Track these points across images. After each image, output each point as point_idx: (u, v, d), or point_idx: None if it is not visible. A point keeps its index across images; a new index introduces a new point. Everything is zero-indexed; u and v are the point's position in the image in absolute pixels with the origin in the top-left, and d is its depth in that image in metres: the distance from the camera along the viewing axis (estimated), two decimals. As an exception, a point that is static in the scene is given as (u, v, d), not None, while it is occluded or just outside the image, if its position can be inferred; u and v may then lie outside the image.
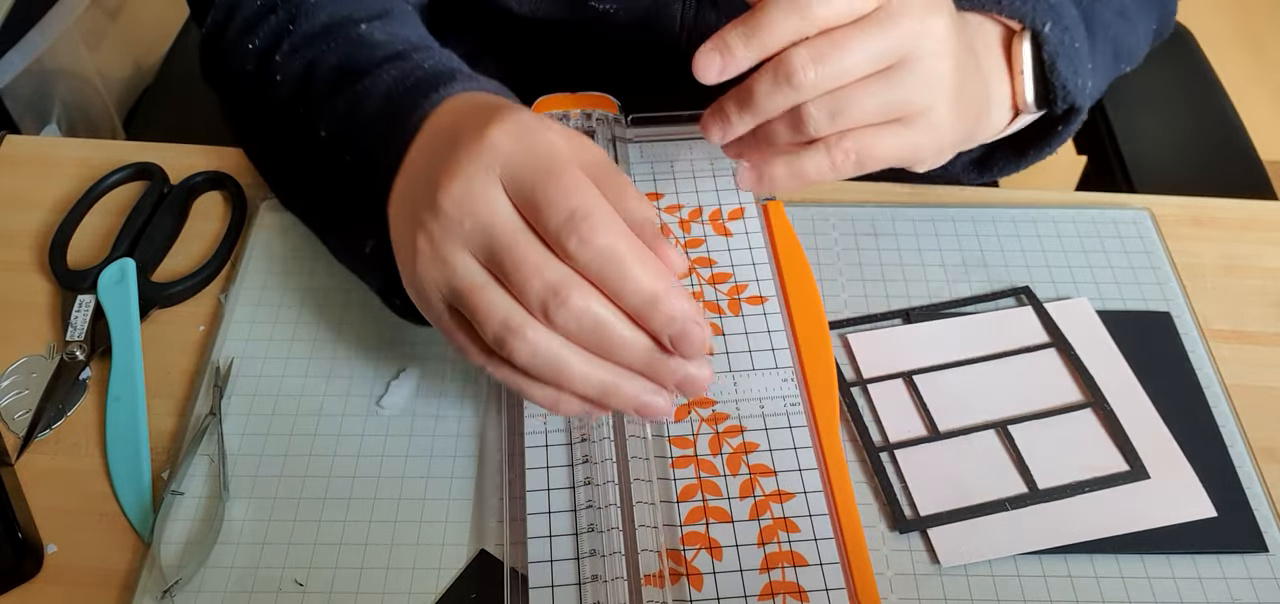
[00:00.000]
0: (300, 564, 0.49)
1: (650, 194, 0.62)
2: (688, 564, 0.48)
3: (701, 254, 0.60)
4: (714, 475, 0.52)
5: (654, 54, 0.69)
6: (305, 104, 0.55)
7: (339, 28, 0.56)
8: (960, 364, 0.57)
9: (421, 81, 0.51)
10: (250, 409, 0.55)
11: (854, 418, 0.55)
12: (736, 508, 0.50)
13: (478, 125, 0.44)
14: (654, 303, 0.42)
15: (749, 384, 0.54)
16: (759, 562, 0.48)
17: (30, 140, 0.70)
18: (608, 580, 0.47)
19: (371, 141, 0.50)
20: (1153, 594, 0.49)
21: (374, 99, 0.52)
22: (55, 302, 0.59)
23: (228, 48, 0.60)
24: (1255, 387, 0.57)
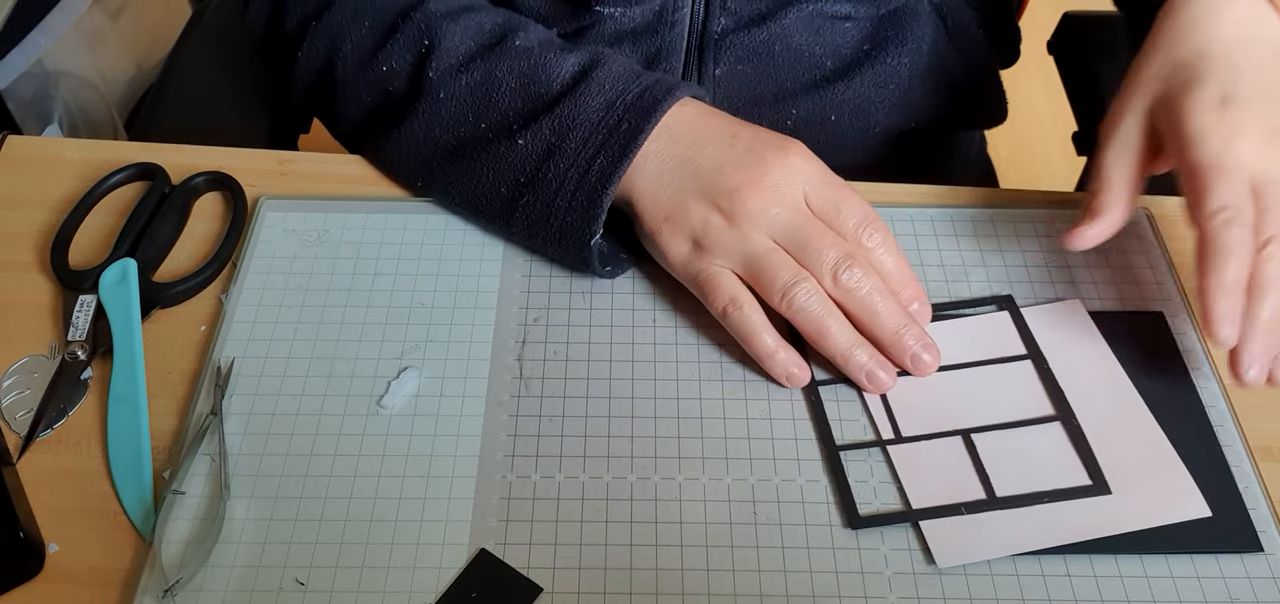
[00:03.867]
0: (301, 564, 0.49)
1: None
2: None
3: None
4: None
5: (665, 58, 0.69)
6: (489, 122, 0.61)
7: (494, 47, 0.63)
8: (949, 369, 0.57)
9: (639, 101, 0.59)
10: (251, 409, 0.55)
11: (817, 417, 0.55)
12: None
13: (775, 144, 0.58)
14: (908, 288, 0.57)
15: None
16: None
17: (32, 140, 0.70)
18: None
19: (593, 155, 0.58)
20: (1151, 593, 0.49)
21: (589, 117, 0.59)
22: (57, 301, 0.60)
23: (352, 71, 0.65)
24: (1254, 386, 0.57)
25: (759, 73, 0.70)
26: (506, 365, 0.57)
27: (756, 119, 0.70)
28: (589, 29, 0.69)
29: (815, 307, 0.55)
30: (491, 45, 0.63)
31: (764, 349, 0.55)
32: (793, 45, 0.70)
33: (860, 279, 0.55)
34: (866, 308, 0.55)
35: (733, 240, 0.56)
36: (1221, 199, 0.51)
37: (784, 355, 0.56)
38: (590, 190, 0.58)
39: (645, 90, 0.59)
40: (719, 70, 0.70)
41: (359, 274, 0.61)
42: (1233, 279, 0.50)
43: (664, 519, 0.51)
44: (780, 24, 0.69)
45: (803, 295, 0.55)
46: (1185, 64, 0.56)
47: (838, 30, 0.70)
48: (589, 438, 0.54)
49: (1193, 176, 0.53)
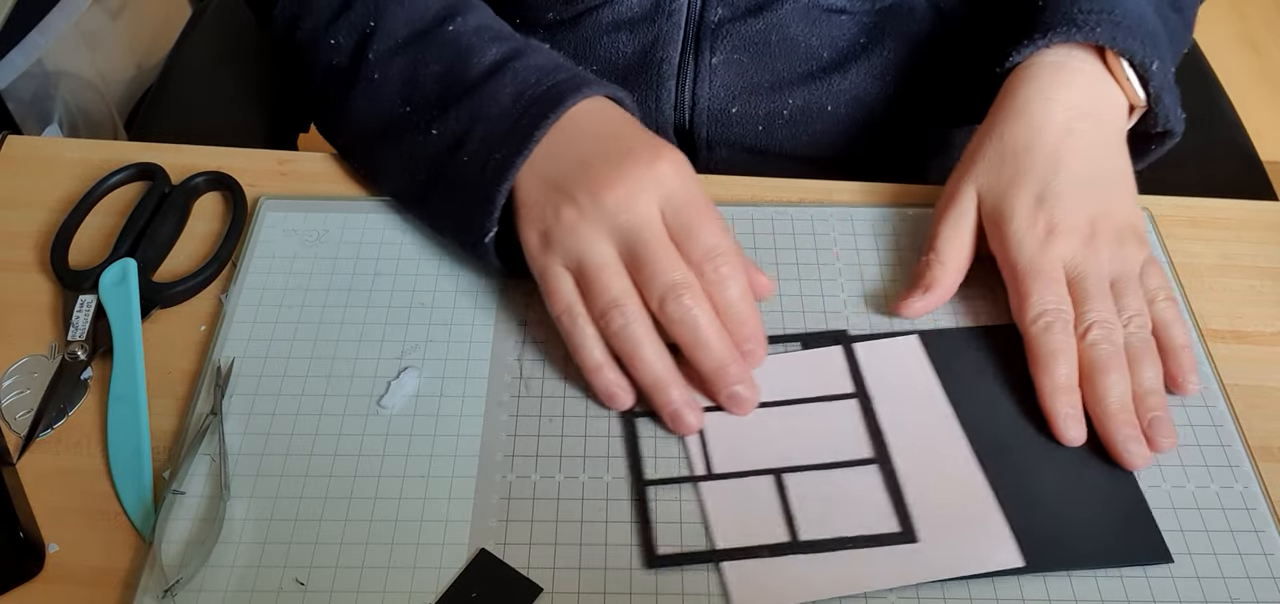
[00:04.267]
0: (301, 564, 0.49)
1: None
2: None
3: None
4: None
5: (661, 46, 0.70)
6: (412, 106, 0.61)
7: (429, 32, 0.62)
8: (758, 405, 0.55)
9: (545, 95, 0.58)
10: (251, 409, 0.55)
11: (630, 449, 0.54)
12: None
13: (651, 150, 0.56)
14: (744, 327, 0.54)
15: None
16: None
17: (32, 141, 0.70)
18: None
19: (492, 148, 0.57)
20: (1140, 592, 0.49)
21: (495, 110, 0.58)
22: (57, 301, 0.60)
23: (308, 40, 0.65)
24: (1253, 386, 0.57)
25: (756, 62, 0.70)
26: (506, 365, 0.57)
27: (753, 109, 0.71)
28: (585, 17, 0.69)
29: (629, 333, 0.53)
30: (429, 29, 0.63)
31: (589, 363, 0.54)
32: (789, 35, 0.70)
33: (687, 309, 0.53)
34: (690, 340, 0.53)
35: (574, 240, 0.54)
36: (1038, 305, 0.55)
37: (609, 375, 0.54)
38: (487, 185, 0.57)
39: (554, 85, 0.58)
40: (716, 59, 0.70)
41: (359, 274, 0.61)
42: (1064, 380, 0.54)
43: (664, 519, 0.51)
44: (776, 14, 0.69)
45: (618, 321, 0.53)
46: (1011, 157, 0.59)
47: (834, 23, 0.70)
48: (589, 438, 0.54)
49: (1012, 283, 0.57)
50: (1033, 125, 0.59)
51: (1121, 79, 0.61)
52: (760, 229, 0.64)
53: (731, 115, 0.71)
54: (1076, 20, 0.60)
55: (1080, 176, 0.57)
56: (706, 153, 0.73)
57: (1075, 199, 0.57)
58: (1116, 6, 0.60)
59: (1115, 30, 0.59)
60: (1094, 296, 0.55)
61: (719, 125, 0.71)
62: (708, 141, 0.72)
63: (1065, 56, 0.61)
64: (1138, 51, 0.59)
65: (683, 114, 0.71)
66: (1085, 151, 0.58)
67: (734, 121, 0.71)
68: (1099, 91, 0.60)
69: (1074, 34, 0.60)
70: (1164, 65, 0.60)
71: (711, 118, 0.71)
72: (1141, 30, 0.60)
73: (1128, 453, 0.52)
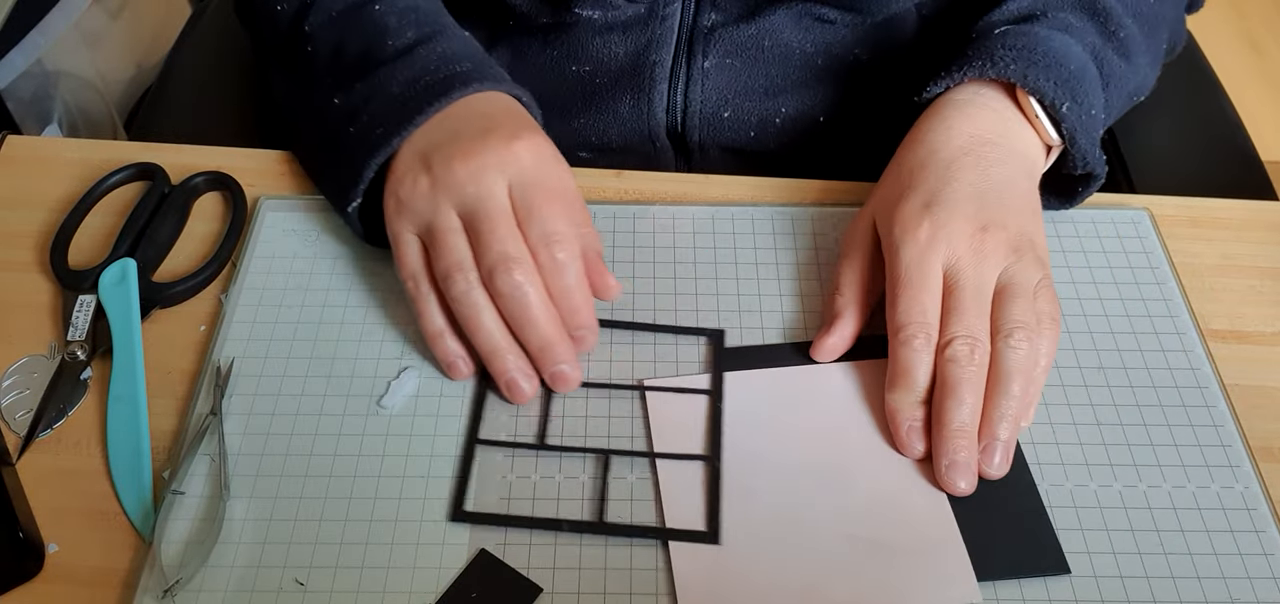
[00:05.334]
0: (301, 564, 0.49)
1: None
2: None
3: None
4: None
5: (655, 50, 0.70)
6: (331, 77, 0.63)
7: (360, 8, 0.64)
8: (606, 386, 0.56)
9: (440, 83, 0.59)
10: (251, 409, 0.55)
11: (475, 410, 0.55)
12: None
13: (511, 131, 0.56)
14: (576, 315, 0.55)
15: None
16: None
17: (31, 140, 0.70)
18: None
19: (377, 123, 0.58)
20: (1139, 593, 0.49)
21: (393, 89, 0.59)
22: (56, 301, 0.60)
23: (259, 3, 0.68)
24: (1253, 386, 0.57)
25: (748, 68, 0.70)
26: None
27: (746, 114, 0.71)
28: (579, 21, 0.69)
29: (470, 299, 0.54)
30: (360, 5, 0.64)
31: (431, 330, 0.55)
32: (781, 42, 0.70)
33: (517, 284, 0.53)
34: (516, 316, 0.54)
35: (423, 204, 0.55)
36: (902, 315, 0.54)
37: (449, 343, 0.55)
38: (361, 158, 0.58)
39: (450, 75, 0.59)
40: (708, 63, 0.70)
41: (359, 274, 0.61)
42: (910, 394, 0.53)
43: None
44: (769, 21, 0.69)
45: (460, 285, 0.54)
46: (907, 173, 0.58)
47: (826, 31, 0.70)
48: (589, 438, 0.54)
49: (891, 289, 0.55)
50: (934, 143, 0.58)
51: (1034, 120, 0.59)
52: (760, 229, 0.64)
53: (723, 119, 0.71)
54: (993, 56, 0.59)
55: (974, 187, 0.56)
56: (699, 156, 0.73)
57: (966, 207, 0.55)
58: (1039, 46, 0.59)
59: (1028, 68, 0.58)
60: (964, 310, 0.53)
61: (711, 129, 0.71)
62: (700, 145, 0.72)
63: (974, 93, 0.60)
64: (1048, 91, 0.58)
65: (675, 117, 0.71)
66: (982, 168, 0.57)
67: (726, 126, 0.71)
68: (1005, 125, 0.59)
69: (987, 69, 0.59)
70: (1080, 107, 0.59)
71: (703, 121, 0.71)
72: (1060, 70, 0.59)
73: (947, 478, 0.51)
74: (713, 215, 0.65)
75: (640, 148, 0.72)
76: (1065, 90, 0.58)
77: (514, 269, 0.53)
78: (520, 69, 0.72)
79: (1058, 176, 0.62)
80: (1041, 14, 0.63)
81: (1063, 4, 0.63)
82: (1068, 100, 0.58)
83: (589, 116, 0.71)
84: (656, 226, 0.64)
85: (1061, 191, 0.63)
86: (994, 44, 0.60)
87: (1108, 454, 0.54)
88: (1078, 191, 0.63)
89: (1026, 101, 0.59)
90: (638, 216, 0.64)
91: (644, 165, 0.71)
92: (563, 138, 0.72)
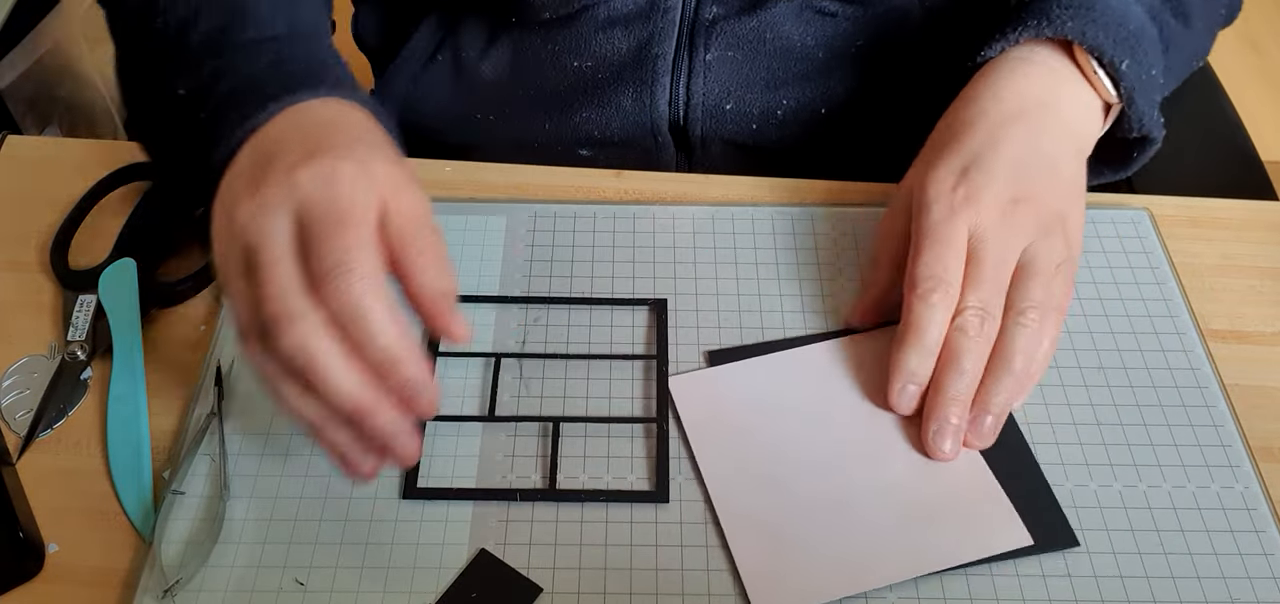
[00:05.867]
0: (301, 564, 0.49)
1: None
2: None
3: None
4: None
5: (656, 43, 0.70)
6: (176, 54, 0.55)
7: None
8: (555, 357, 0.57)
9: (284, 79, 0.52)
10: (251, 408, 0.55)
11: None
12: None
13: (294, 160, 0.46)
14: (391, 362, 0.44)
15: None
16: None
17: (32, 140, 0.70)
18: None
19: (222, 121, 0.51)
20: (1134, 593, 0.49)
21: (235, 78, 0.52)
22: (57, 301, 0.60)
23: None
24: (1253, 386, 0.57)
25: (749, 60, 0.70)
26: (506, 365, 0.57)
27: (747, 106, 0.71)
28: (581, 14, 0.69)
29: (267, 373, 0.46)
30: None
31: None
32: (782, 34, 0.70)
33: (291, 348, 0.44)
34: (314, 383, 0.44)
35: (220, 247, 0.47)
36: (923, 269, 0.53)
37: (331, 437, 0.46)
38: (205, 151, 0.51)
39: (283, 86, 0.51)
40: (710, 56, 0.70)
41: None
42: (918, 357, 0.52)
43: (664, 520, 0.51)
44: (770, 13, 0.69)
45: (255, 359, 0.46)
46: (952, 132, 0.57)
47: (827, 23, 0.70)
48: (589, 439, 0.54)
49: (914, 243, 0.54)
50: (982, 105, 0.57)
51: (1092, 76, 0.58)
52: (760, 229, 0.64)
53: (725, 112, 0.71)
54: (1048, 14, 0.58)
55: (1016, 156, 0.55)
56: (700, 151, 0.73)
57: (1004, 174, 0.54)
58: (1097, 4, 0.58)
59: (1086, 25, 0.57)
60: (982, 280, 0.52)
61: (713, 122, 0.71)
62: (702, 139, 0.72)
63: (1030, 52, 0.59)
64: (1107, 48, 0.57)
65: (677, 110, 0.71)
66: (1028, 135, 0.56)
67: (728, 118, 0.71)
68: (1060, 85, 0.58)
69: (1044, 28, 0.58)
70: (1140, 66, 0.58)
71: (706, 114, 0.71)
72: (1119, 29, 0.58)
73: (933, 442, 0.52)
74: (713, 215, 0.65)
75: (641, 142, 0.72)
76: (1124, 48, 0.57)
77: (285, 332, 0.43)
78: (522, 65, 0.72)
79: (1112, 141, 0.61)
80: None
81: None
82: (1127, 58, 0.57)
83: (591, 111, 0.71)
84: (656, 226, 0.64)
85: (1115, 158, 0.62)
86: (1049, 4, 0.59)
87: (1108, 454, 0.54)
88: (1133, 157, 0.61)
89: (1084, 59, 0.58)
90: (638, 216, 0.64)
91: (645, 161, 0.71)
92: (563, 134, 0.72)
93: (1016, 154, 0.55)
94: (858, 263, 0.62)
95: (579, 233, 0.63)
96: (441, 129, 0.75)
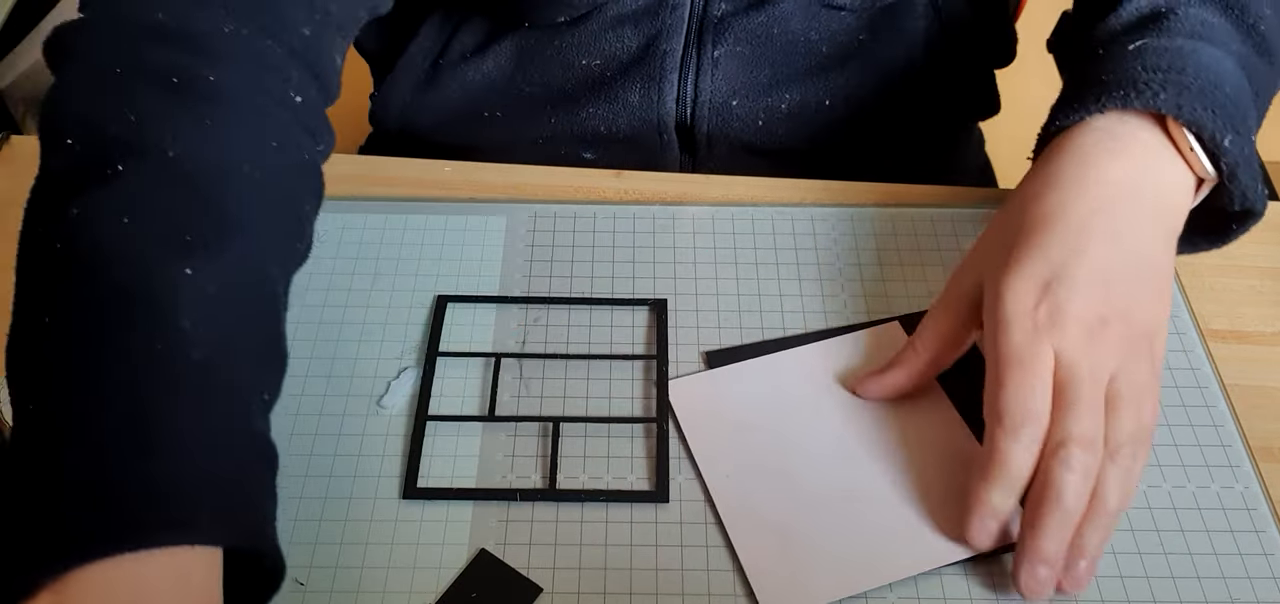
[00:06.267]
0: (300, 564, 0.49)
1: None
2: None
3: None
4: None
5: (665, 39, 0.70)
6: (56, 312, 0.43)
7: (149, 263, 0.43)
8: (555, 357, 0.57)
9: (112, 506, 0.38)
10: (251, 409, 0.55)
11: (423, 388, 0.55)
12: None
13: None
14: None
15: None
16: None
17: (32, 141, 0.70)
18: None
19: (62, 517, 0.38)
20: (1136, 592, 0.49)
21: (88, 467, 0.39)
22: (56, 302, 0.59)
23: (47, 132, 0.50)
24: (1253, 386, 0.57)
25: (757, 56, 0.70)
26: (506, 365, 0.57)
27: (754, 104, 0.71)
28: (590, 14, 0.69)
29: None
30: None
31: None
32: (790, 30, 0.70)
33: None
34: None
35: None
36: (1010, 401, 0.47)
37: None
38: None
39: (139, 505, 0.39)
40: (718, 52, 0.70)
41: (359, 274, 0.61)
42: (1004, 496, 0.48)
43: (664, 520, 0.51)
44: (778, 9, 0.69)
45: None
46: (1027, 231, 0.51)
47: (834, 18, 0.71)
48: (589, 439, 0.54)
49: (993, 364, 0.49)
50: (1060, 198, 0.51)
51: (1186, 150, 0.52)
52: (760, 229, 0.64)
53: (732, 110, 0.71)
54: (1136, 82, 0.52)
55: (1103, 263, 0.49)
56: (706, 150, 0.73)
57: (1091, 288, 0.48)
58: (1188, 64, 0.52)
59: (1182, 95, 0.51)
60: (1082, 412, 0.47)
61: (720, 120, 0.71)
62: (708, 138, 0.72)
63: (1117, 122, 0.52)
64: (1206, 121, 0.50)
65: (685, 109, 0.71)
66: (1116, 234, 0.50)
67: (734, 116, 0.71)
68: (1152, 166, 0.52)
69: (1132, 99, 0.51)
70: (1242, 139, 0.51)
71: (712, 112, 0.71)
72: (1216, 93, 0.51)
73: (1023, 585, 0.47)
74: (713, 215, 0.65)
75: (647, 141, 0.72)
76: (1225, 119, 0.51)
77: None
78: (527, 64, 0.72)
79: (1207, 210, 0.55)
80: (1168, 11, 0.55)
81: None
82: (1229, 133, 0.51)
83: (598, 108, 0.71)
84: (656, 226, 0.64)
85: (1213, 227, 0.56)
86: (1132, 64, 0.53)
87: (1108, 454, 0.54)
88: (1231, 229, 0.55)
89: (1179, 134, 0.52)
90: (638, 216, 0.64)
91: (649, 161, 0.71)
92: (568, 131, 0.72)
93: (1104, 262, 0.49)
94: (858, 263, 0.62)
95: (579, 233, 0.63)
96: (443, 131, 0.75)
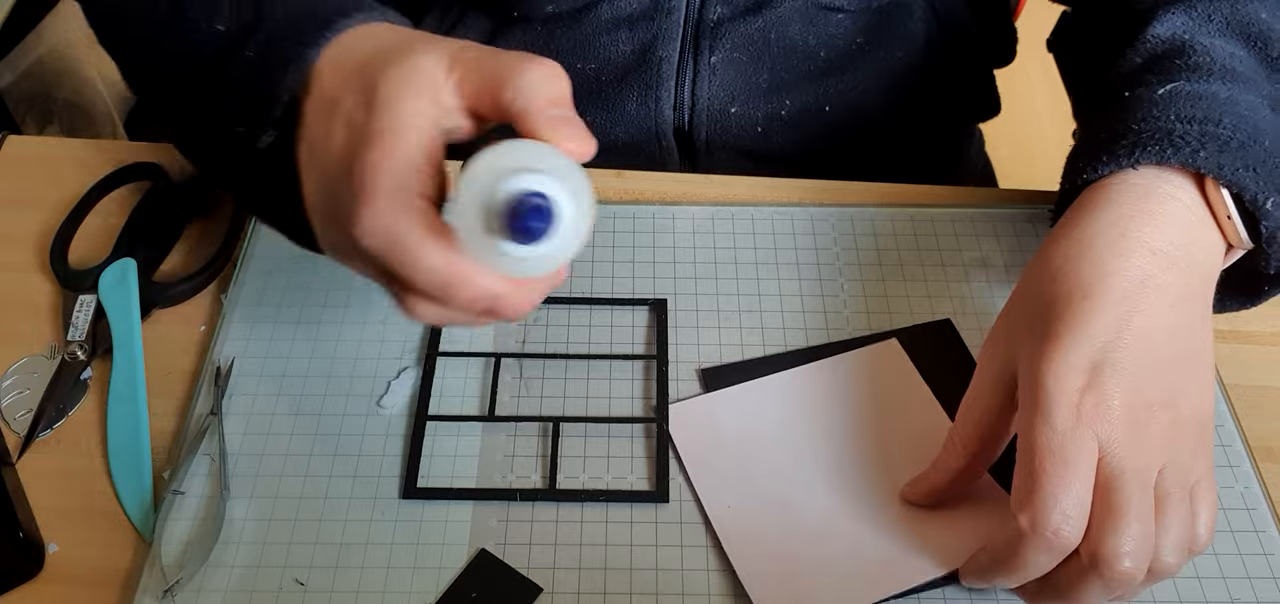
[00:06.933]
0: (301, 564, 0.49)
1: None
2: None
3: None
4: None
5: (661, 44, 0.70)
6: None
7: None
8: (555, 357, 0.57)
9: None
10: (251, 409, 0.55)
11: (423, 389, 0.55)
12: None
13: (353, 205, 0.42)
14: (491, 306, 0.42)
15: None
16: None
17: (32, 140, 0.70)
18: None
19: (284, 38, 0.46)
20: (1151, 593, 0.49)
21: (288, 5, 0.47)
22: (56, 301, 0.60)
23: None
24: (1253, 386, 0.57)
25: (754, 61, 0.70)
26: (506, 365, 0.57)
27: (752, 109, 0.71)
28: (584, 13, 0.69)
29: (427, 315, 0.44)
30: None
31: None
32: (788, 35, 0.70)
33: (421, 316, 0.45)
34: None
35: (354, 265, 0.46)
36: (1047, 503, 0.43)
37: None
38: (266, 83, 0.46)
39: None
40: (715, 58, 0.70)
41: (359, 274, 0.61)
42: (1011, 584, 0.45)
43: (664, 520, 0.51)
44: (775, 13, 0.69)
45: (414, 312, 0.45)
46: (1066, 304, 0.46)
47: (831, 22, 0.70)
48: (589, 439, 0.54)
49: (1028, 454, 0.44)
50: (1100, 269, 0.46)
51: (1223, 222, 0.48)
52: (760, 229, 0.64)
53: (730, 115, 0.71)
54: (1172, 135, 0.48)
55: (1152, 346, 0.45)
56: (706, 157, 0.73)
57: (1140, 373, 0.44)
58: (1225, 114, 0.48)
59: (1222, 153, 0.47)
60: (1130, 514, 0.42)
61: (718, 126, 0.71)
62: (707, 145, 0.72)
63: (1154, 180, 0.48)
64: (1248, 183, 0.47)
65: (682, 115, 0.71)
66: (1164, 313, 0.45)
67: (733, 122, 0.71)
68: (1193, 230, 0.48)
69: (1168, 154, 0.47)
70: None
71: (711, 118, 0.71)
72: (1255, 150, 0.47)
73: None
74: (713, 215, 0.65)
75: (646, 147, 0.72)
76: (1268, 180, 0.47)
77: (413, 309, 0.44)
78: None
79: (1239, 268, 0.51)
80: (1191, 44, 0.52)
81: (1208, 27, 0.53)
82: (1273, 194, 0.47)
83: (595, 115, 0.71)
84: (656, 226, 0.64)
85: (1243, 288, 0.53)
86: (1164, 113, 0.49)
87: (1108, 454, 0.54)
88: (1263, 291, 0.52)
89: (1216, 196, 0.48)
90: (638, 216, 0.64)
91: (649, 167, 0.71)
92: None
93: (1152, 343, 0.45)
94: (858, 263, 0.62)
95: (579, 233, 0.63)
96: None
